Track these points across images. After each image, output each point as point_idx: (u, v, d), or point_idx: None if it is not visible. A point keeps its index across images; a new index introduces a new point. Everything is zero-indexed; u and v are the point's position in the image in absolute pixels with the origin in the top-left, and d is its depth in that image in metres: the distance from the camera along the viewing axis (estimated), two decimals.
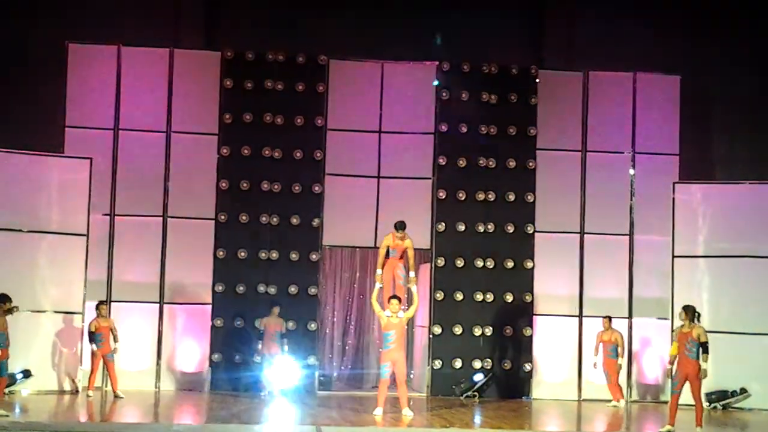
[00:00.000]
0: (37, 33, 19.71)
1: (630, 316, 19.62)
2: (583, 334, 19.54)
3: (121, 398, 17.43)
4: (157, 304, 19.11)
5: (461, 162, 19.71)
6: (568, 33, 21.08)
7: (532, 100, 19.91)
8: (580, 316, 19.64)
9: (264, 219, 19.30)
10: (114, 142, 19.23)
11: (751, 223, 18.94)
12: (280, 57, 19.54)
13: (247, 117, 19.36)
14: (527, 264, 19.63)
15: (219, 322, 19.01)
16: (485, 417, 16.70)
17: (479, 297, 19.49)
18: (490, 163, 19.78)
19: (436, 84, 19.77)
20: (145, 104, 19.34)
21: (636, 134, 20.04)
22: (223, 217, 19.22)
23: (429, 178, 19.78)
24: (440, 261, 19.50)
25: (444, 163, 19.71)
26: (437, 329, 19.33)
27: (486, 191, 19.69)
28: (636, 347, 19.64)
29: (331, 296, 20.97)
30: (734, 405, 18.58)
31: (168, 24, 20.30)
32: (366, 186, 19.64)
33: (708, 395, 18.49)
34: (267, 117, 19.41)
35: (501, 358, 19.44)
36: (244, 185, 19.26)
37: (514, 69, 19.91)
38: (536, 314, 19.63)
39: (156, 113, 19.34)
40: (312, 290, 19.30)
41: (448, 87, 19.79)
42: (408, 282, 16.91)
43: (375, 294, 16.72)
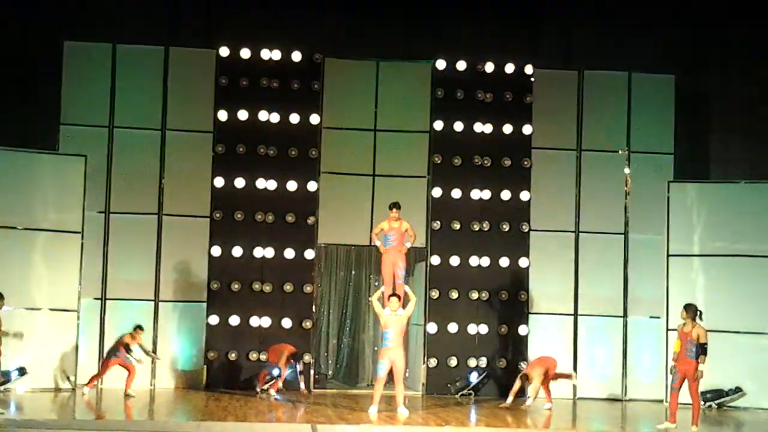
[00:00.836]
0: (33, 30, 19.66)
1: (625, 315, 19.65)
2: (578, 333, 19.59)
3: (133, 397, 17.43)
4: (153, 302, 19.11)
5: (456, 160, 19.72)
6: (564, 32, 21.10)
7: (528, 99, 19.92)
8: (575, 315, 19.67)
9: (259, 217, 19.29)
10: (109, 140, 19.21)
11: (746, 223, 18.98)
12: (276, 55, 19.53)
13: (243, 115, 19.34)
14: (522, 262, 19.65)
15: (214, 320, 19.00)
16: (480, 415, 16.73)
17: (474, 295, 19.50)
18: (486, 162, 19.78)
19: (431, 82, 19.78)
20: (140, 102, 19.33)
21: (631, 133, 20.07)
22: (218, 215, 19.21)
23: (424, 177, 19.78)
24: (435, 259, 19.50)
25: (439, 162, 19.71)
26: (432, 327, 19.33)
27: (481, 190, 19.70)
28: (630, 346, 19.66)
29: (327, 294, 20.97)
30: (729, 404, 18.62)
31: (163, 22, 20.27)
32: (361, 184, 19.66)
33: (703, 394, 18.48)
34: (262, 115, 19.40)
35: (496, 357, 19.45)
36: (239, 183, 19.24)
37: (510, 67, 19.92)
38: (531, 313, 19.64)
39: (151, 111, 19.33)
40: (307, 288, 19.29)
41: (444, 85, 19.79)
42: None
43: (377, 294, 16.75)
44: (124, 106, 19.28)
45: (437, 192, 19.62)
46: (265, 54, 19.50)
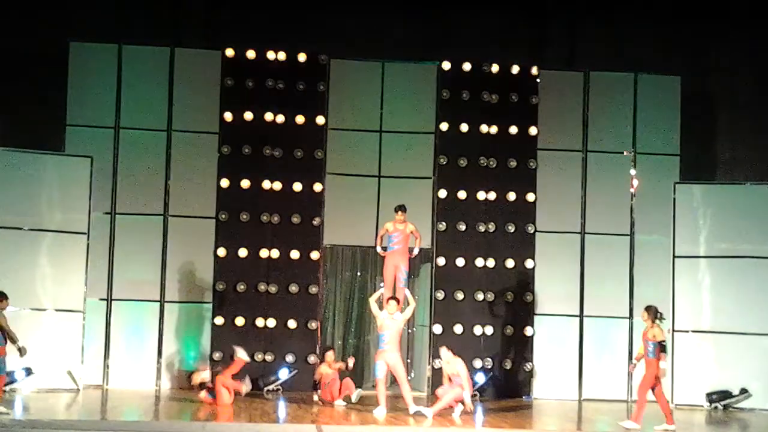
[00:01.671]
0: (38, 31, 19.67)
1: (630, 317, 19.62)
2: (584, 334, 19.58)
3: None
4: (158, 303, 19.12)
5: (462, 161, 19.70)
6: (570, 32, 21.10)
7: (533, 100, 19.90)
8: (581, 316, 19.65)
9: (265, 218, 19.29)
10: (115, 141, 19.23)
11: (753, 224, 18.96)
12: (281, 56, 19.53)
13: (248, 116, 19.34)
14: (528, 264, 19.63)
15: (220, 321, 19.00)
16: (486, 416, 16.70)
17: (480, 296, 19.48)
18: (491, 163, 19.77)
19: (437, 83, 19.78)
20: (146, 103, 19.35)
21: (637, 134, 20.05)
22: (224, 216, 19.21)
23: (430, 178, 19.78)
24: (441, 260, 19.49)
25: (445, 163, 19.70)
26: (438, 328, 19.32)
27: (487, 191, 19.69)
28: (636, 347, 19.62)
29: (332, 295, 20.97)
30: (735, 405, 18.58)
31: (169, 22, 20.30)
32: (366, 185, 19.66)
33: (709, 395, 18.53)
34: (268, 116, 19.40)
35: (501, 358, 19.43)
36: (245, 184, 19.25)
37: (515, 68, 19.91)
38: (537, 314, 19.62)
39: (157, 112, 19.35)
40: (312, 289, 19.29)
41: (449, 86, 19.78)
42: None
43: (375, 295, 16.74)
44: (130, 107, 19.29)
45: (443, 193, 19.60)
46: (271, 55, 19.49)
